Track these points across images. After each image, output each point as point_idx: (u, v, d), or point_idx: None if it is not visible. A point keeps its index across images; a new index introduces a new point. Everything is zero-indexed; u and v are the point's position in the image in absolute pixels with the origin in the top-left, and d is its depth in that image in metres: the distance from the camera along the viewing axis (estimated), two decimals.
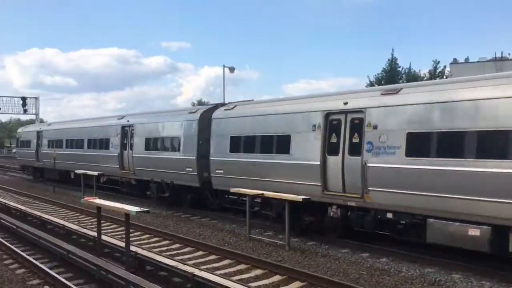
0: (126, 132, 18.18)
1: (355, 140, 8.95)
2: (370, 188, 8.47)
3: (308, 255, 9.54)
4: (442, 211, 7.35)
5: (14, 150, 31.58)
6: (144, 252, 9.31)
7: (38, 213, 14.55)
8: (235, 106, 12.96)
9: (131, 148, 17.61)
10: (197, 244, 10.53)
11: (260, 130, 11.34)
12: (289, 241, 10.15)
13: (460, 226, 7.06)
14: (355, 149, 8.95)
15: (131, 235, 9.28)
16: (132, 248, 9.19)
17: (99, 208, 9.64)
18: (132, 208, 8.40)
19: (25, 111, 54.47)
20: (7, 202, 17.24)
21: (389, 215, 8.37)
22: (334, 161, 9.35)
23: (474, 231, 6.90)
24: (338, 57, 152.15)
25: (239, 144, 11.97)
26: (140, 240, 11.34)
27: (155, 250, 9.98)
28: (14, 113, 56.41)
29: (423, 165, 7.64)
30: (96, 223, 9.80)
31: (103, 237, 10.15)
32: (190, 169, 14.37)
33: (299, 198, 9.78)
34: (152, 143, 16.47)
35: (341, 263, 8.90)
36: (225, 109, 13.24)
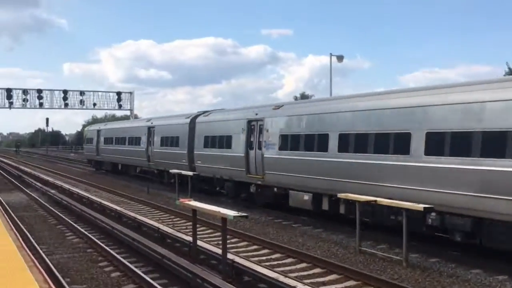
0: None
1: (260, 139, 15.80)
2: (265, 171, 15.73)
3: (430, 274, 9.13)
4: (295, 185, 14.31)
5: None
6: (242, 261, 9.53)
7: (133, 215, 15.83)
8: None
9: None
10: (300, 255, 10.52)
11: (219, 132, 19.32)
12: (407, 257, 9.81)
13: (301, 194, 13.97)
14: (260, 145, 15.78)
15: (228, 241, 9.55)
16: (229, 256, 9.45)
17: (194, 211, 10.11)
18: (230, 212, 8.61)
19: (120, 106, 60.15)
20: (102, 201, 19.12)
21: (275, 190, 15.51)
22: (251, 154, 16.68)
23: (306, 197, 13.78)
24: (472, 41, 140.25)
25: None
26: (237, 247, 11.68)
27: (253, 259, 10.17)
28: (109, 109, 62.82)
29: (287, 156, 14.65)
30: (191, 226, 10.29)
31: (199, 243, 10.62)
32: None
33: (420, 206, 9.48)
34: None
35: (472, 286, 8.39)
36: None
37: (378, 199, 10.52)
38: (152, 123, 27.11)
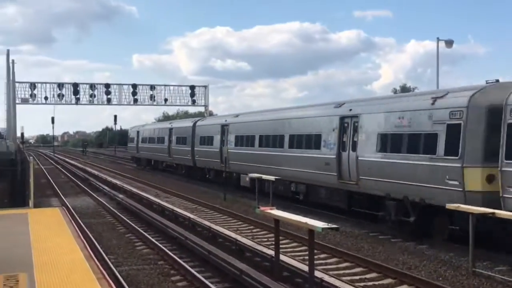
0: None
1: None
2: (230, 162, 27.02)
3: None
4: (244, 172, 24.46)
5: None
6: (332, 280, 9.64)
7: (208, 224, 16.51)
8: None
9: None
10: (401, 275, 10.44)
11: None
12: None
13: (247, 177, 23.20)
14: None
15: (315, 257, 9.70)
16: (317, 273, 9.60)
17: (277, 221, 10.38)
18: (318, 224, 8.74)
19: (193, 102, 62.48)
20: (174, 209, 20.12)
21: (234, 175, 26.90)
22: (224, 150, 27.96)
23: (247, 178, 24.35)
24: None
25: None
26: (326, 264, 11.79)
27: (345, 278, 10.24)
28: (181, 105, 65.57)
29: (238, 150, 26.33)
30: (273, 239, 10.57)
31: (282, 257, 10.87)
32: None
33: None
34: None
35: None
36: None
37: (496, 211, 10.39)
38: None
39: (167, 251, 13.17)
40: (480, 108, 12.21)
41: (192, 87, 62.39)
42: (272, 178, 19.88)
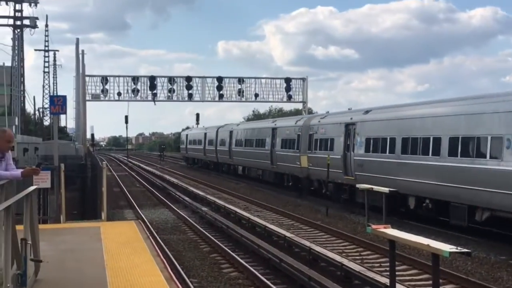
0: None
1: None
2: (233, 157, 48.31)
3: None
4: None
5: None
6: None
7: (308, 244, 16.62)
8: None
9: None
10: None
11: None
12: None
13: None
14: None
15: (440, 287, 9.46)
16: None
17: (392, 242, 10.23)
18: (444, 247, 8.48)
19: (289, 97, 62.95)
20: (267, 225, 20.42)
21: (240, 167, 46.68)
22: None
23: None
24: None
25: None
26: None
27: None
28: (275, 101, 66.07)
29: (237, 149, 47.04)
30: (386, 263, 10.44)
31: (398, 287, 10.76)
32: None
33: None
34: None
35: None
36: None
37: None
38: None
39: (259, 275, 13.40)
40: None
41: (288, 80, 62.82)
42: (385, 189, 19.51)
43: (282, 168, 36.04)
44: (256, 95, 62.67)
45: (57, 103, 19.37)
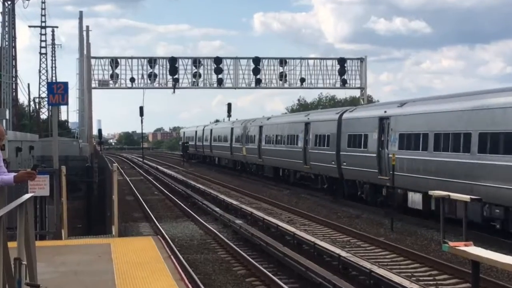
0: None
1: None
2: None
3: None
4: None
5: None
6: None
7: (368, 265, 16.52)
8: None
9: None
10: None
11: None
12: None
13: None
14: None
15: None
16: None
17: (476, 264, 10.07)
18: None
19: (343, 82, 62.43)
20: (317, 242, 20.36)
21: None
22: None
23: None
24: None
25: None
26: None
27: None
28: (325, 87, 65.72)
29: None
30: None
31: None
32: None
33: None
34: None
35: None
36: None
37: None
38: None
39: None
40: None
41: (342, 61, 62.49)
42: (467, 197, 19.24)
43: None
44: (302, 80, 62.48)
45: (57, 92, 19.62)
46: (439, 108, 25.16)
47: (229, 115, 79.17)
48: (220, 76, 60.98)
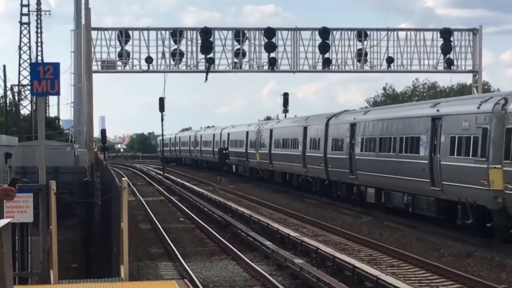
0: None
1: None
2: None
3: None
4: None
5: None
6: None
7: None
8: None
9: None
10: None
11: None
12: None
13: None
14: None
15: None
16: None
17: None
18: None
19: (448, 64, 61.95)
20: (356, 264, 20.17)
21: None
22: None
23: None
24: None
25: None
26: None
27: None
28: (422, 71, 65.32)
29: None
30: None
31: None
32: None
33: None
34: None
35: None
36: None
37: None
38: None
39: None
40: None
41: (446, 33, 62.10)
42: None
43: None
44: (390, 61, 62.44)
45: (44, 77, 19.73)
46: (381, 117, 41.84)
47: (285, 110, 79.04)
48: (273, 55, 61.14)
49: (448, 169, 34.74)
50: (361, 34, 61.81)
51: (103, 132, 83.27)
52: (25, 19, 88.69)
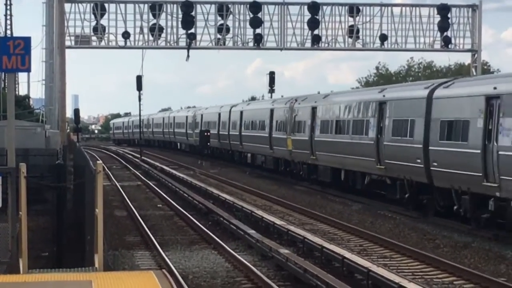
0: None
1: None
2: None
3: None
4: None
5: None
6: None
7: None
8: None
9: None
10: None
11: None
12: None
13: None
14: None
15: None
16: None
17: None
18: None
19: (445, 42, 62.04)
20: (403, 284, 20.24)
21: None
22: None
23: None
24: None
25: None
26: None
27: None
28: (418, 49, 65.44)
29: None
30: None
31: None
32: None
33: None
34: None
35: None
36: None
37: None
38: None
39: None
40: None
41: (444, 9, 62.16)
42: None
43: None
44: (383, 38, 62.58)
45: (14, 52, 19.73)
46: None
47: (271, 90, 79.08)
48: (258, 31, 61.22)
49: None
50: (353, 10, 62.00)
51: (76, 111, 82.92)
52: None
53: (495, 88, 32.69)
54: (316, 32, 61.19)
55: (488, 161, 31.01)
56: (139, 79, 79.65)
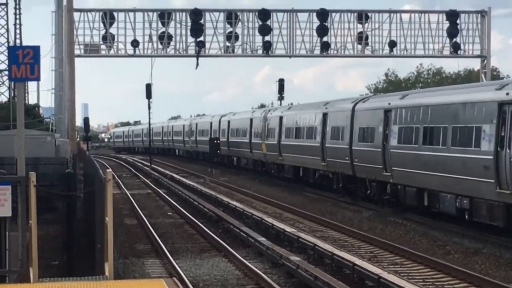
0: None
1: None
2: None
3: None
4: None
5: None
6: None
7: None
8: None
9: None
10: None
11: None
12: None
13: None
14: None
15: None
16: None
17: None
18: None
19: (455, 48, 61.84)
20: (357, 262, 20.19)
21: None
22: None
23: None
24: None
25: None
26: None
27: None
28: (428, 56, 65.21)
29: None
30: None
31: None
32: None
33: None
34: None
35: None
36: None
37: None
38: None
39: None
40: None
41: (453, 16, 62.04)
42: None
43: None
44: (392, 45, 62.48)
45: (23, 61, 19.67)
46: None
47: (280, 97, 79.05)
48: (267, 38, 61.23)
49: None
50: (362, 16, 61.99)
51: (86, 120, 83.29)
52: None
53: (389, 103, 43.38)
54: (325, 39, 61.26)
55: (386, 156, 41.44)
56: (148, 87, 79.73)
